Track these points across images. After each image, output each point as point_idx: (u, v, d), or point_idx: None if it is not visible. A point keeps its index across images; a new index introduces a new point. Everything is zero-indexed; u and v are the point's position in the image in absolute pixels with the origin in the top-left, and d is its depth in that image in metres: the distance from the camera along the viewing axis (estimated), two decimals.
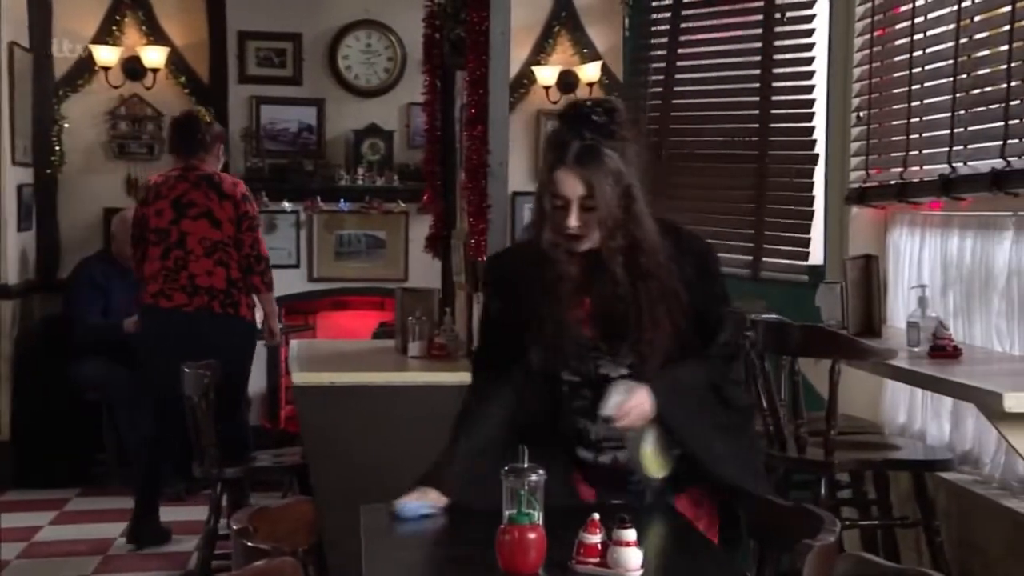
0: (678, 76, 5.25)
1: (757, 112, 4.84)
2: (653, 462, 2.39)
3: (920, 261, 3.80)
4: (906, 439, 3.65)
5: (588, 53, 7.10)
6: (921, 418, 3.78)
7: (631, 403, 2.31)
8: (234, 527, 2.02)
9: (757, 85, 4.83)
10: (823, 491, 3.14)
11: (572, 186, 2.27)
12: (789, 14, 4.66)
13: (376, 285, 6.87)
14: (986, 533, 3.28)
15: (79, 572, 4.64)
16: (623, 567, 1.97)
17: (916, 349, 3.25)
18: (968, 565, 3.23)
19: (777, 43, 4.76)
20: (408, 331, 4.49)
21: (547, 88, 6.94)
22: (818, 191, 4.42)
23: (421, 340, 4.46)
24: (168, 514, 5.44)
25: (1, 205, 6.00)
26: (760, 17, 4.82)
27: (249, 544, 1.93)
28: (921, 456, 3.30)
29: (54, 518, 5.45)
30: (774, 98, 4.79)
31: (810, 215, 4.49)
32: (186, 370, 4.18)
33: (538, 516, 2.02)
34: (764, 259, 4.72)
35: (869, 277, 3.72)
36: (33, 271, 6.43)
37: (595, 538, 2.00)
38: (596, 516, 2.03)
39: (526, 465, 2.17)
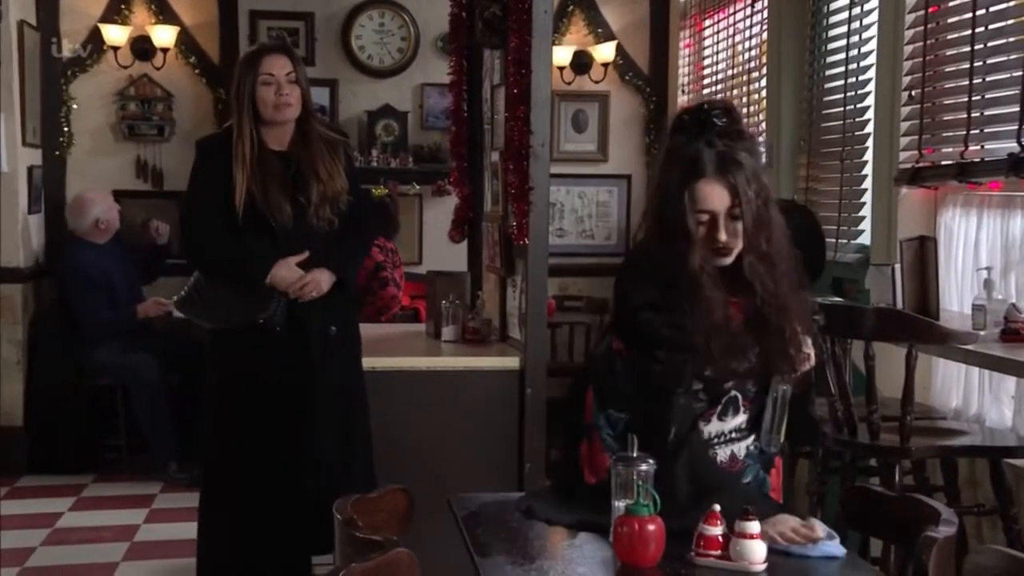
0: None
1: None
2: (783, 424, 2.31)
3: (977, 243, 3.73)
4: (966, 423, 3.58)
5: (602, 33, 7.01)
6: (978, 402, 3.71)
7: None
8: (339, 517, 1.93)
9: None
10: (897, 478, 3.06)
11: (718, 197, 2.17)
12: None
13: None
14: None
15: (108, 559, 4.53)
16: (747, 560, 1.90)
17: (983, 332, 3.17)
18: None
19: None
20: (442, 315, 4.41)
21: (561, 68, 6.84)
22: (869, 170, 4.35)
23: (455, 324, 4.39)
24: (178, 500, 5.33)
25: (15, 187, 5.87)
26: None
27: (359, 535, 1.85)
28: (995, 442, 3.23)
29: (73, 504, 5.33)
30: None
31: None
32: None
33: (655, 507, 1.94)
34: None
35: (924, 259, 3.63)
36: (43, 254, 6.29)
37: (716, 530, 1.93)
38: (716, 508, 1.95)
39: (635, 455, 2.09)
